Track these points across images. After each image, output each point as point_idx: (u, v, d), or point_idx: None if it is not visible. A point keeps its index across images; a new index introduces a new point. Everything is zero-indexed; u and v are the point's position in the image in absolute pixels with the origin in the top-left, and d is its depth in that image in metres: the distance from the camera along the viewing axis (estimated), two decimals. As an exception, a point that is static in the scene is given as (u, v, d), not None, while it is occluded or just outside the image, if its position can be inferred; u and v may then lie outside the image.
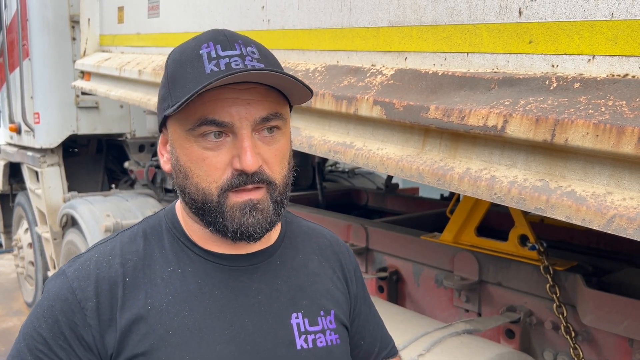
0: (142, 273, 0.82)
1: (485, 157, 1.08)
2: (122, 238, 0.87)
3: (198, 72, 0.76)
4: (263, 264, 0.87)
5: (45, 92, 4.04)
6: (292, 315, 0.85)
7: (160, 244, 0.85)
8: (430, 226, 2.42)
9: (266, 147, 0.79)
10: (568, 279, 1.71)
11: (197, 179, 0.79)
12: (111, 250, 0.84)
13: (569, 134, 0.90)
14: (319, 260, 0.95)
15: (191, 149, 0.78)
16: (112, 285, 0.80)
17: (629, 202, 0.84)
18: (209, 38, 0.79)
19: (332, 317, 0.89)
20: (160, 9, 2.63)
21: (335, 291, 0.93)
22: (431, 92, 1.19)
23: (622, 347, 1.61)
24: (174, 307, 0.80)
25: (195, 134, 0.77)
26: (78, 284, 0.79)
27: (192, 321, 0.79)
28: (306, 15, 1.65)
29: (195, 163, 0.78)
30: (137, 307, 0.79)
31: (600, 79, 0.93)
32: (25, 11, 3.99)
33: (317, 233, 1.00)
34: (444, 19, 1.23)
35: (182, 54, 0.80)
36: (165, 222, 0.88)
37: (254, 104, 0.77)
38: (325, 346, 0.86)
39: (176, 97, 0.77)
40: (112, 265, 0.82)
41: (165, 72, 0.82)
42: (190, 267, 0.83)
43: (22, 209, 4.89)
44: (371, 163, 1.32)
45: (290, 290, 0.87)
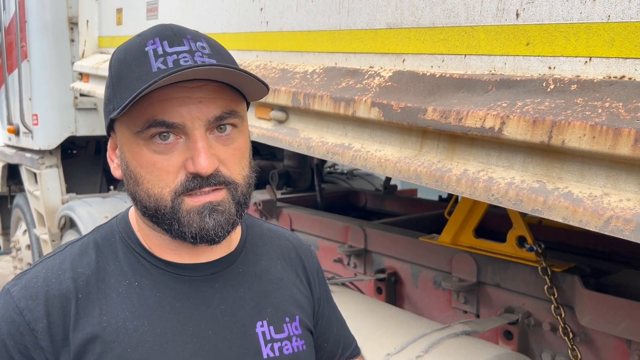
0: (96, 288, 0.76)
1: (482, 159, 1.09)
2: (72, 250, 0.80)
3: (144, 71, 0.71)
4: (225, 271, 0.83)
5: (43, 94, 4.04)
6: (257, 324, 0.82)
7: (114, 256, 0.80)
8: (429, 228, 2.42)
9: (222, 147, 0.75)
10: (566, 280, 1.71)
11: (148, 184, 0.73)
12: (60, 265, 0.78)
13: (566, 136, 0.90)
14: (282, 264, 0.91)
15: (140, 153, 0.73)
16: (63, 302, 0.74)
17: (625, 204, 0.84)
18: (154, 34, 0.74)
19: (297, 322, 0.87)
20: (159, 11, 2.64)
21: (299, 295, 0.90)
22: (429, 94, 1.20)
23: (620, 348, 1.61)
24: (132, 322, 0.75)
25: (144, 136, 0.72)
26: (25, 303, 0.73)
27: (152, 337, 0.75)
28: (304, 17, 1.66)
29: (145, 168, 0.73)
30: (91, 324, 0.73)
31: (597, 81, 0.93)
32: (24, 13, 3.99)
33: (279, 236, 0.96)
34: (441, 21, 1.23)
35: (126, 53, 0.74)
36: (119, 232, 0.82)
37: (207, 103, 0.72)
38: (291, 353, 0.83)
39: (122, 99, 0.72)
40: (63, 281, 0.76)
41: (110, 72, 0.76)
42: (148, 280, 0.78)
43: (20, 211, 4.88)
44: (369, 164, 1.33)
45: (254, 298, 0.84)
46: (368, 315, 1.88)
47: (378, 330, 1.77)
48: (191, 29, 0.77)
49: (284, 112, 1.70)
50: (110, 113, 0.75)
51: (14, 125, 4.42)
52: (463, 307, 2.02)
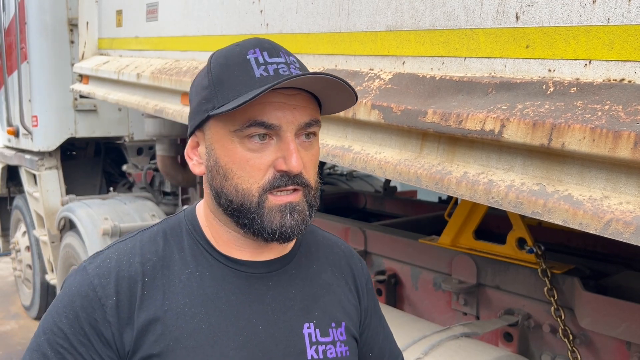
0: (161, 273, 0.83)
1: (482, 161, 1.09)
2: (142, 237, 0.87)
3: (248, 76, 0.78)
4: (279, 272, 0.88)
5: (43, 95, 4.04)
6: (305, 325, 0.86)
7: (180, 246, 0.86)
8: (429, 229, 2.43)
9: (304, 152, 0.82)
10: (566, 282, 1.71)
11: (238, 179, 0.79)
12: (131, 249, 0.85)
13: (566, 139, 0.90)
14: (333, 271, 0.95)
15: (234, 150, 0.79)
16: (131, 283, 0.81)
17: (625, 206, 0.84)
18: (254, 45, 0.81)
19: (342, 328, 0.90)
20: (158, 13, 2.64)
21: (346, 303, 0.94)
22: (429, 96, 1.20)
23: (620, 350, 1.61)
24: (191, 309, 0.81)
25: (241, 135, 0.78)
26: (99, 281, 0.80)
27: (207, 325, 0.80)
28: (304, 20, 1.66)
29: (237, 164, 0.79)
30: (154, 307, 0.80)
31: (597, 84, 0.94)
32: (24, 14, 4.00)
33: (332, 243, 1.01)
34: (441, 24, 1.23)
35: (227, 58, 0.81)
36: (186, 224, 0.89)
37: (299, 110, 0.80)
38: (335, 357, 0.87)
39: (224, 98, 0.78)
40: (132, 264, 0.82)
41: (209, 74, 0.82)
42: (208, 271, 0.84)
43: (20, 212, 4.88)
44: (369, 167, 1.33)
45: (303, 300, 0.88)
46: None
47: (378, 332, 1.77)
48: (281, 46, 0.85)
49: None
50: (207, 112, 0.81)
51: (14, 126, 4.42)
52: (463, 309, 2.02)
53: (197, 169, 0.86)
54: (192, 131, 0.86)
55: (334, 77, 0.77)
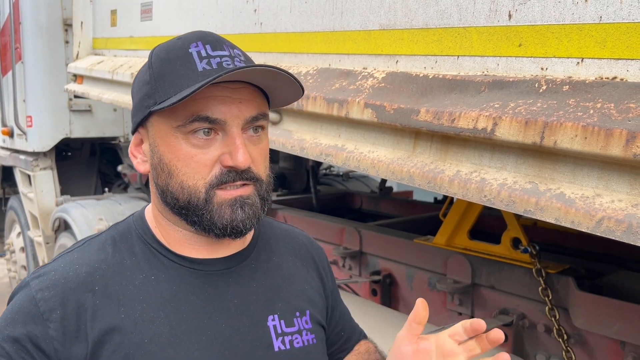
0: (113, 281, 0.80)
1: (475, 160, 1.09)
2: (90, 246, 0.84)
3: (190, 70, 0.76)
4: (238, 267, 0.86)
5: (38, 96, 4.02)
6: (269, 318, 0.85)
7: (131, 251, 0.83)
8: (424, 229, 2.42)
9: (253, 147, 0.80)
10: (560, 282, 1.71)
11: (184, 176, 0.78)
12: (78, 259, 0.82)
13: (558, 137, 0.90)
14: (293, 260, 0.95)
15: (178, 146, 0.77)
16: (79, 295, 0.77)
17: (617, 204, 0.84)
18: (197, 38, 0.80)
19: (307, 317, 0.90)
20: (153, 13, 2.63)
21: (310, 291, 0.94)
22: (422, 95, 1.19)
23: (614, 350, 1.61)
24: (149, 314, 0.78)
25: (184, 130, 0.76)
26: (42, 295, 0.77)
27: (168, 328, 0.78)
28: (298, 19, 1.65)
29: (182, 160, 0.77)
30: (109, 316, 0.77)
31: (589, 82, 0.93)
32: (18, 14, 3.98)
33: (290, 233, 1.01)
34: (434, 22, 1.23)
35: (169, 52, 0.80)
36: (135, 229, 0.86)
37: (245, 103, 0.78)
38: (302, 346, 0.86)
39: (166, 94, 0.76)
40: (80, 274, 0.79)
41: (150, 69, 0.81)
42: (164, 274, 0.82)
43: (14, 213, 4.86)
44: (362, 166, 1.32)
45: (265, 293, 0.87)
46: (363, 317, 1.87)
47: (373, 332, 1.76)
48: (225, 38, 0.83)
49: (277, 113, 1.69)
50: (149, 108, 0.78)
51: (8, 127, 4.40)
52: (458, 309, 2.01)
53: (142, 167, 0.84)
54: (135, 128, 0.84)
55: (276, 68, 0.75)
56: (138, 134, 0.85)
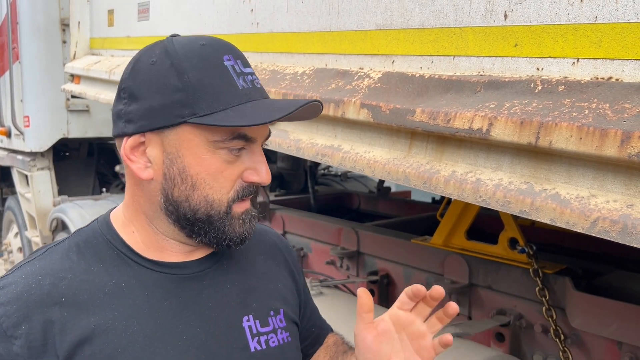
0: (80, 290, 0.76)
1: (470, 160, 1.08)
2: (52, 255, 0.80)
3: (231, 85, 0.76)
4: (211, 269, 0.85)
5: (35, 96, 4.02)
6: (244, 319, 0.85)
7: (97, 257, 0.80)
8: (421, 229, 2.42)
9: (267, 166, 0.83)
10: (557, 282, 1.71)
11: (210, 190, 0.77)
12: (40, 270, 0.77)
13: (553, 137, 0.90)
14: (265, 259, 0.95)
15: (210, 161, 0.77)
16: (44, 308, 0.73)
17: (612, 205, 0.84)
18: (226, 50, 0.79)
19: (281, 315, 0.90)
20: (150, 13, 2.63)
21: (282, 289, 0.94)
22: (418, 95, 1.19)
23: (611, 350, 1.61)
24: (121, 323, 0.75)
25: (221, 145, 0.76)
26: (4, 310, 0.72)
27: (141, 336, 0.75)
28: (295, 19, 1.65)
29: (211, 174, 0.77)
30: (79, 328, 0.73)
31: (584, 82, 0.93)
32: (16, 14, 3.97)
33: (260, 232, 1.00)
34: (430, 22, 1.23)
35: (204, 62, 0.76)
36: (102, 234, 0.83)
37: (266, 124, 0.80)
38: (277, 345, 0.86)
39: (209, 107, 0.74)
40: (43, 286, 0.75)
41: (180, 76, 0.75)
42: (135, 279, 0.79)
43: (12, 213, 4.85)
44: (358, 166, 1.32)
45: (239, 294, 0.86)
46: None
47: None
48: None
49: (274, 113, 1.69)
50: (183, 117, 0.75)
51: (6, 127, 4.39)
52: (455, 309, 2.01)
53: (144, 174, 0.78)
54: (141, 131, 0.77)
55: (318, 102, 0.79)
56: (140, 137, 0.78)
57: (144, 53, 0.81)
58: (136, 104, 0.78)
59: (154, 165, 0.79)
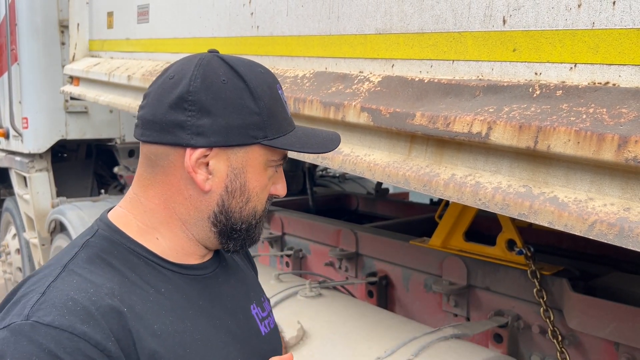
0: (131, 300, 0.76)
1: (470, 164, 1.10)
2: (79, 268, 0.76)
3: (285, 113, 0.87)
4: (219, 267, 0.93)
5: (33, 97, 4.02)
6: (251, 307, 0.94)
7: (128, 267, 0.79)
8: (420, 231, 2.43)
9: None
10: (555, 284, 1.72)
11: (257, 202, 0.87)
12: (84, 282, 0.74)
13: (551, 141, 0.91)
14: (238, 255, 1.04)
15: (264, 177, 0.86)
16: (118, 317, 0.72)
17: (609, 208, 0.85)
18: (274, 79, 0.87)
19: (267, 301, 1.02)
20: (149, 15, 2.63)
21: (255, 279, 1.04)
22: (417, 99, 1.20)
23: (608, 351, 1.63)
24: (179, 325, 0.79)
25: (273, 164, 0.87)
26: (83, 328, 0.68)
27: (199, 335, 0.81)
28: (295, 22, 1.66)
29: (262, 189, 0.87)
30: (149, 335, 0.74)
31: (582, 87, 0.95)
32: (14, 16, 3.97)
33: None
34: (430, 27, 1.24)
35: (270, 88, 0.85)
36: (121, 244, 0.82)
37: None
38: (274, 327, 0.98)
39: (276, 131, 0.84)
40: (103, 297, 0.72)
41: (257, 101, 0.81)
42: (170, 285, 0.82)
43: (10, 215, 4.84)
44: (359, 169, 1.33)
45: (242, 286, 0.96)
46: (359, 318, 1.89)
47: (369, 333, 1.78)
48: None
49: (274, 116, 1.70)
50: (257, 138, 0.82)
51: (4, 128, 4.39)
52: (453, 311, 2.02)
53: (206, 185, 0.81)
54: (211, 145, 0.79)
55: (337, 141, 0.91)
56: (207, 150, 0.79)
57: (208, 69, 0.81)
58: (208, 119, 0.79)
59: (214, 177, 0.82)
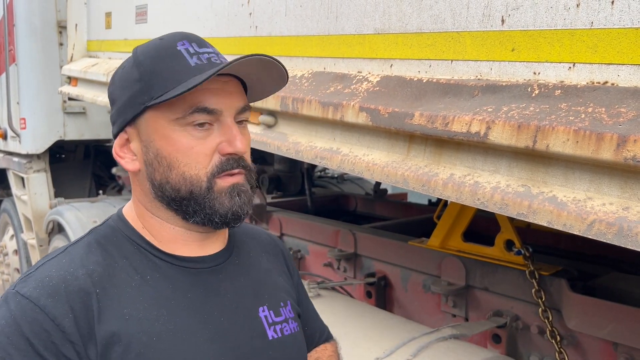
0: (110, 283, 0.79)
1: (468, 163, 1.10)
2: (76, 250, 0.83)
3: (183, 65, 0.80)
4: (225, 263, 0.90)
5: (31, 98, 4.01)
6: (259, 309, 0.90)
7: (121, 253, 0.83)
8: (418, 231, 2.43)
9: (242, 137, 0.83)
10: (553, 284, 1.72)
11: (185, 167, 0.80)
12: (70, 263, 0.80)
13: (550, 140, 0.91)
14: (267, 257, 1.00)
15: (177, 138, 0.80)
16: (84, 297, 0.76)
17: (608, 208, 0.85)
18: (181, 37, 0.83)
19: (289, 307, 0.96)
20: (148, 15, 2.63)
21: (284, 284, 0.99)
22: (416, 99, 1.20)
23: (607, 351, 1.63)
24: (152, 313, 0.79)
25: (183, 122, 0.79)
26: (46, 301, 0.74)
27: (173, 325, 0.79)
28: (293, 22, 1.66)
29: (182, 152, 0.80)
30: (114, 317, 0.76)
31: (581, 87, 0.95)
32: (12, 16, 3.96)
33: (257, 232, 1.06)
34: (428, 27, 1.24)
35: (157, 51, 0.82)
36: (120, 231, 0.86)
37: (235, 95, 0.83)
38: (290, 334, 0.92)
39: (162, 88, 0.79)
40: (79, 277, 0.77)
41: (138, 67, 0.82)
42: (158, 273, 0.83)
43: (7, 216, 4.83)
44: (357, 169, 1.33)
45: (252, 286, 0.92)
46: (358, 319, 1.88)
47: (367, 334, 1.77)
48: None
49: (272, 116, 1.70)
50: (143, 103, 0.80)
51: (2, 129, 4.38)
52: (452, 311, 2.02)
53: (131, 166, 0.84)
54: (121, 128, 0.84)
55: (271, 57, 0.80)
56: (124, 134, 0.85)
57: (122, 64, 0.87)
58: (114, 107, 0.86)
59: (138, 157, 0.84)
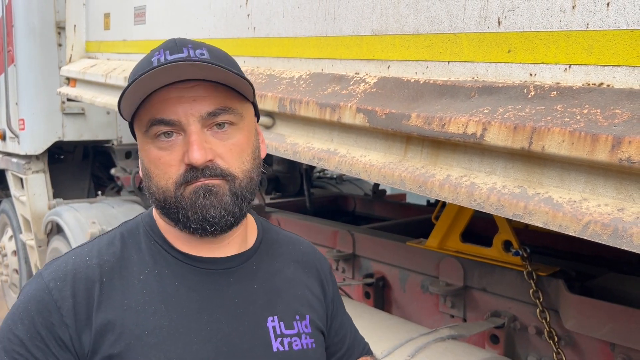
0: (119, 274, 0.83)
1: (465, 164, 1.10)
2: (100, 241, 0.88)
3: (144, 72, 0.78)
4: (239, 267, 0.89)
5: (30, 99, 4.01)
6: (268, 319, 0.87)
7: (138, 247, 0.87)
8: (417, 232, 2.44)
9: (219, 142, 0.81)
10: (551, 284, 1.73)
11: (157, 178, 0.82)
12: (88, 252, 0.86)
13: (546, 142, 0.92)
14: (295, 266, 0.97)
15: (149, 151, 0.82)
16: (88, 285, 0.81)
17: (603, 209, 0.85)
18: (161, 47, 0.83)
19: (307, 321, 0.91)
20: (146, 16, 2.63)
21: (310, 297, 0.95)
22: (413, 100, 1.21)
23: (604, 352, 1.63)
24: (150, 307, 0.81)
25: (149, 135, 0.81)
26: (54, 284, 0.80)
27: (168, 321, 0.80)
28: (291, 24, 1.66)
29: (153, 163, 0.82)
30: (112, 307, 0.80)
31: (576, 88, 0.95)
32: (11, 17, 3.97)
33: (295, 241, 1.03)
34: (425, 28, 1.24)
35: (137, 65, 0.84)
36: (143, 226, 0.90)
37: (200, 100, 0.79)
38: (301, 349, 0.88)
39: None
40: (90, 266, 0.83)
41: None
42: (167, 270, 0.85)
43: (6, 216, 4.83)
44: (354, 170, 1.33)
45: (266, 294, 0.89)
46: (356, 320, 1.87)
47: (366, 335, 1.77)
48: (195, 40, 0.85)
49: (270, 117, 1.70)
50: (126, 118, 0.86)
51: (1, 130, 4.38)
52: (450, 312, 2.02)
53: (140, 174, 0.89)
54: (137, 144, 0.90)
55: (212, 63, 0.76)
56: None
57: None
58: None
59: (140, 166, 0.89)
